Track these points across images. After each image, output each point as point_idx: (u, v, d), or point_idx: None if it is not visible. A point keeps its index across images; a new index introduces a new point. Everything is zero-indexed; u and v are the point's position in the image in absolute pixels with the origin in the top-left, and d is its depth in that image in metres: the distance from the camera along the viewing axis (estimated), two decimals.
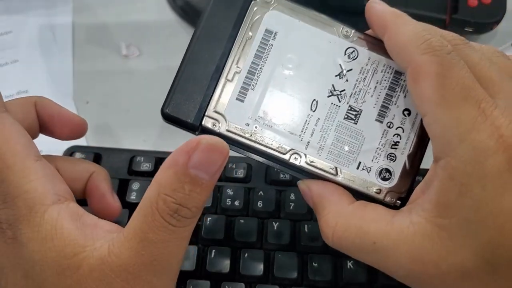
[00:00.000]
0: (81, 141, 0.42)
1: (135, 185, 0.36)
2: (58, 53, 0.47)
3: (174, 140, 0.42)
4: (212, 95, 0.26)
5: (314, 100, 0.27)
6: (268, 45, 0.27)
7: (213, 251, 0.33)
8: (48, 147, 0.42)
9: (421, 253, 0.22)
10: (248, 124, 0.26)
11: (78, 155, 0.38)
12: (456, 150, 0.22)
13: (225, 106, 0.26)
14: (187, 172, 0.23)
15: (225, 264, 0.33)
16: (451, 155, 0.22)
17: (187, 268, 0.33)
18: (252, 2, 0.27)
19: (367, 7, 0.27)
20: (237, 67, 0.26)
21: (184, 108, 0.26)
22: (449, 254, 0.22)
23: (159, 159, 0.38)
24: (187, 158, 0.23)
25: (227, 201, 0.35)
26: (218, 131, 0.26)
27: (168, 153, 0.38)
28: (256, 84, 0.27)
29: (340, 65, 0.27)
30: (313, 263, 0.33)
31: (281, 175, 0.36)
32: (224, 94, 0.26)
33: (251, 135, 0.26)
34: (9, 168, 0.23)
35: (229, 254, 0.33)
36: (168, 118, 0.26)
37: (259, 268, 0.33)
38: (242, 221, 0.35)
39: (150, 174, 0.37)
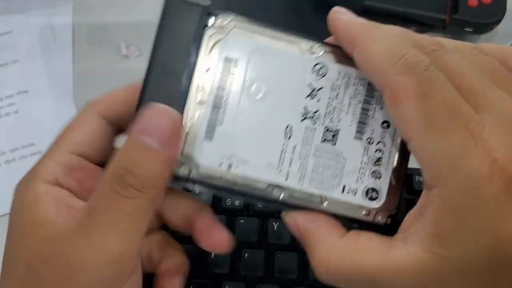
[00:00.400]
0: None
1: None
2: (58, 53, 0.47)
3: None
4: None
5: (288, 126, 0.25)
6: (230, 75, 0.24)
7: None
8: (48, 146, 0.42)
9: (422, 285, 0.21)
10: (221, 164, 0.24)
11: None
12: (449, 178, 0.20)
13: (193, 148, 0.24)
14: (136, 137, 0.22)
15: (226, 264, 0.33)
16: (444, 184, 0.21)
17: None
18: (206, 29, 0.24)
19: (330, 18, 0.24)
20: (200, 103, 0.24)
21: None
22: (452, 285, 0.21)
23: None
24: (137, 129, 0.22)
25: (227, 201, 0.35)
26: (190, 177, 0.24)
27: None
28: (223, 119, 0.24)
29: (309, 84, 0.25)
30: None
31: None
32: (190, 135, 0.24)
33: (225, 176, 0.24)
34: None
35: (229, 254, 0.33)
36: None
37: (260, 268, 0.33)
38: (242, 221, 0.34)
39: None
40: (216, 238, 0.27)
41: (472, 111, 0.21)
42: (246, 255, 0.33)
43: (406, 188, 0.36)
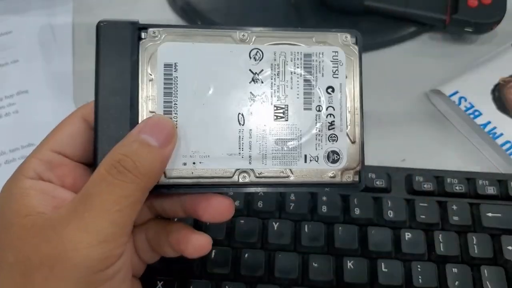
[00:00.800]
0: None
1: None
2: (58, 53, 0.47)
3: None
4: None
5: (239, 113, 0.26)
6: (173, 79, 0.26)
7: (214, 251, 0.33)
8: None
9: None
10: (185, 164, 0.26)
11: None
12: None
13: None
14: (137, 135, 0.24)
15: (226, 264, 0.33)
16: None
17: (187, 268, 0.33)
18: (140, 42, 0.26)
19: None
20: (151, 112, 0.25)
21: None
22: None
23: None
24: (138, 129, 0.24)
25: None
26: (160, 182, 0.25)
27: None
28: (177, 121, 0.25)
29: (250, 70, 0.26)
30: (314, 263, 0.33)
31: None
32: None
33: (192, 173, 0.26)
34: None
35: (229, 255, 0.33)
36: None
37: (260, 268, 0.33)
38: (242, 221, 0.35)
39: None
40: (215, 206, 0.27)
41: None
42: (247, 255, 0.33)
43: (406, 188, 0.36)
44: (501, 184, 0.36)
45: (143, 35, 0.26)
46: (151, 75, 0.26)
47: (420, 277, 0.32)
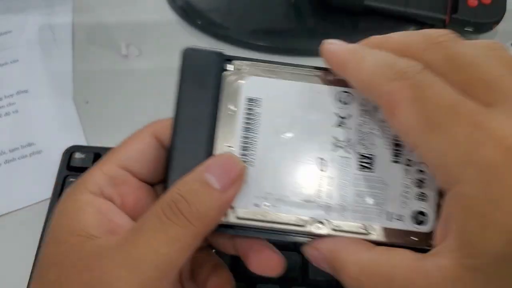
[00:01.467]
0: (81, 141, 0.42)
1: None
2: (58, 53, 0.47)
3: None
4: None
5: (321, 158, 0.24)
6: (255, 114, 0.24)
7: (213, 250, 0.33)
8: (47, 145, 0.42)
9: None
10: (257, 205, 0.24)
11: (78, 154, 0.38)
12: (463, 176, 0.19)
13: None
14: (200, 174, 0.23)
15: (226, 264, 0.33)
16: (459, 184, 0.19)
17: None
18: (223, 73, 0.25)
19: (321, 49, 0.24)
20: (228, 146, 0.24)
21: None
22: None
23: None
24: (204, 166, 0.23)
25: None
26: (227, 221, 0.23)
27: None
28: (254, 159, 0.24)
29: (336, 113, 0.24)
30: None
31: None
32: None
33: (264, 216, 0.24)
34: None
35: (229, 254, 0.33)
36: None
37: None
38: None
39: None
40: (265, 260, 0.26)
41: (476, 105, 0.20)
42: None
43: None
44: None
45: (227, 66, 0.25)
46: (232, 108, 0.24)
47: None
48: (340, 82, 0.25)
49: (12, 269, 0.36)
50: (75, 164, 0.37)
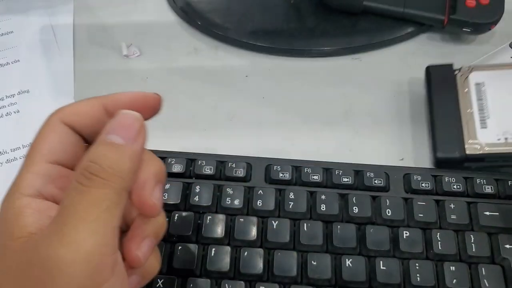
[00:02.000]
0: None
1: None
2: (59, 53, 0.48)
3: (174, 140, 0.42)
4: (462, 134, 0.38)
5: None
6: (482, 91, 0.39)
7: (213, 249, 0.34)
8: None
9: None
10: (499, 139, 0.37)
11: None
12: None
13: (476, 136, 0.37)
14: (103, 137, 0.23)
15: (225, 263, 0.33)
16: None
17: (188, 266, 0.33)
18: (456, 73, 0.40)
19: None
20: (469, 112, 0.38)
21: (450, 150, 0.38)
22: None
23: (159, 158, 0.38)
24: (104, 130, 0.24)
25: (227, 200, 0.36)
26: (481, 152, 0.37)
27: (168, 152, 0.38)
28: (488, 114, 0.38)
29: None
30: (313, 262, 0.33)
31: (281, 174, 0.37)
32: (470, 131, 0.38)
33: (506, 145, 0.37)
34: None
35: (229, 253, 0.34)
36: (442, 160, 0.38)
37: (259, 266, 0.33)
38: (242, 220, 0.35)
39: None
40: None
41: None
42: (246, 253, 0.34)
43: (404, 187, 0.37)
44: (499, 183, 0.36)
45: (460, 69, 0.40)
46: (466, 89, 0.39)
47: (418, 275, 0.33)
48: None
49: None
50: None
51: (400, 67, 0.45)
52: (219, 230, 0.34)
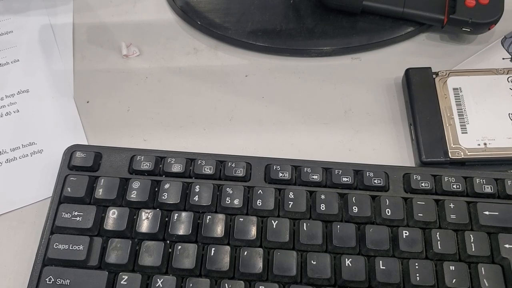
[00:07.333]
0: (82, 140, 0.42)
1: (136, 184, 0.36)
2: (58, 53, 0.48)
3: (174, 140, 0.42)
4: (445, 138, 0.39)
5: (509, 113, 0.40)
6: (460, 96, 0.41)
7: (213, 249, 0.34)
8: (48, 145, 0.42)
9: None
10: (479, 144, 0.38)
11: (78, 154, 0.38)
12: None
13: (458, 141, 0.39)
14: None
15: (225, 262, 0.33)
16: None
17: (187, 266, 0.33)
18: (435, 77, 0.42)
19: None
20: (450, 116, 0.40)
21: (434, 154, 0.39)
22: None
23: (159, 158, 0.38)
24: None
25: (227, 199, 0.36)
26: (462, 157, 0.38)
27: (168, 152, 0.38)
28: (467, 120, 0.40)
29: (510, 88, 0.41)
30: (312, 261, 0.33)
31: (280, 174, 0.37)
32: (452, 135, 0.39)
33: (485, 150, 0.38)
34: None
35: (228, 252, 0.34)
36: (426, 162, 0.38)
37: (259, 266, 0.33)
38: (241, 219, 0.35)
39: (151, 173, 0.37)
40: None
41: None
42: (246, 253, 0.34)
43: (404, 186, 0.37)
44: (499, 182, 0.36)
45: (439, 73, 0.42)
46: (445, 94, 0.41)
47: (417, 274, 0.33)
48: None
49: (13, 268, 0.37)
50: (76, 163, 0.38)
51: (400, 67, 0.45)
52: (219, 230, 0.34)
